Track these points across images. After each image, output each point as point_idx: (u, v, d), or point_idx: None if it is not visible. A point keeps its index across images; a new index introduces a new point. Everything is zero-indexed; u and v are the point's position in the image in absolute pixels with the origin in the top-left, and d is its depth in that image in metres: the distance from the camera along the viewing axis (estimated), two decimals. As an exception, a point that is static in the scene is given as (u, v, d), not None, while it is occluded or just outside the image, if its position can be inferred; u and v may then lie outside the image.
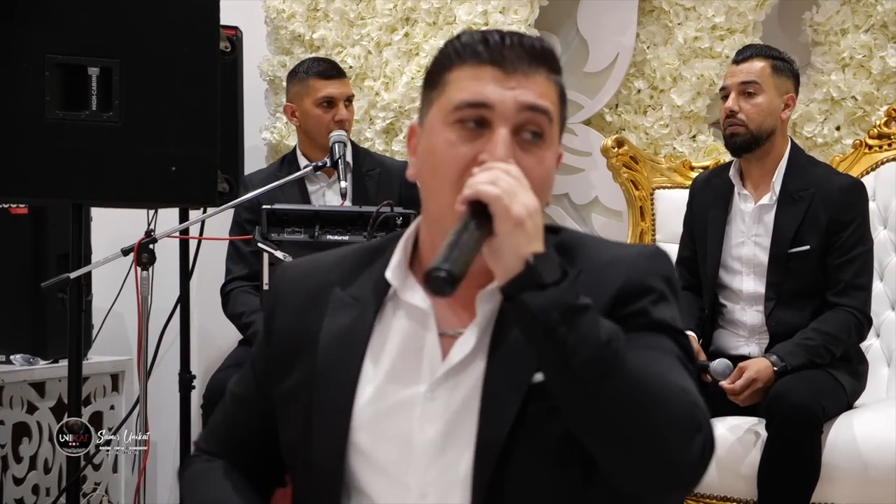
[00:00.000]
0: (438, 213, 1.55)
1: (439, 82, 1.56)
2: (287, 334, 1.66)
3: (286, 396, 1.65)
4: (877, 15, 4.44)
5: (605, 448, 1.45)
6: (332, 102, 4.18)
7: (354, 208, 3.56)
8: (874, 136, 4.30)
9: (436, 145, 1.55)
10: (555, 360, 1.42)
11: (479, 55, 1.53)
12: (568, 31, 4.92)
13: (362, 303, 1.62)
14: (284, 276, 1.73)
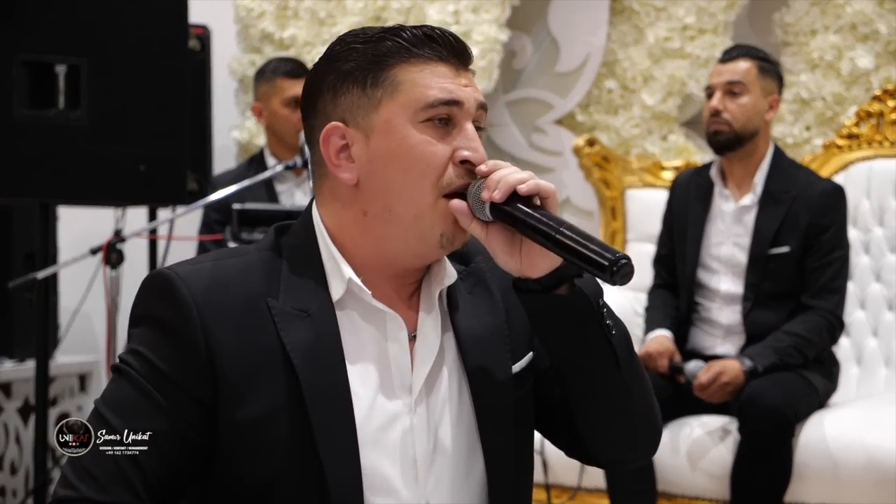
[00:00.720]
0: (416, 212, 1.53)
1: (384, 79, 1.53)
2: (237, 353, 1.51)
3: (252, 424, 1.50)
4: (846, 16, 4.45)
5: (616, 418, 1.61)
6: (300, 102, 4.15)
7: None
8: (844, 137, 4.32)
9: (409, 145, 1.53)
10: (600, 338, 1.54)
11: (428, 52, 1.54)
12: (539, 31, 4.92)
13: (316, 315, 1.54)
14: (190, 287, 1.52)
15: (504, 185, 1.49)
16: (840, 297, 3.68)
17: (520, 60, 4.95)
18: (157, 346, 1.52)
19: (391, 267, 1.59)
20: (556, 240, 1.47)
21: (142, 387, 1.51)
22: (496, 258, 1.55)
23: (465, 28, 4.64)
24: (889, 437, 3.35)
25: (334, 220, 1.58)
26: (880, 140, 4.26)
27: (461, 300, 1.63)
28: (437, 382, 1.59)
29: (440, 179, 1.53)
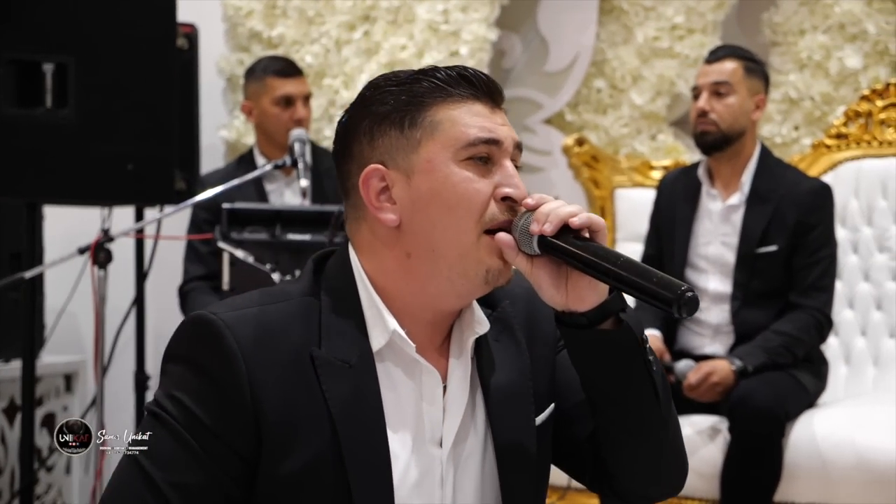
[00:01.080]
0: (460, 250, 1.53)
1: (422, 119, 1.54)
2: (281, 407, 1.48)
3: (292, 479, 1.48)
4: (834, 16, 4.46)
5: (651, 453, 1.61)
6: (290, 101, 4.15)
7: (316, 207, 3.53)
8: (833, 137, 4.33)
9: (452, 183, 1.52)
10: (642, 373, 1.54)
11: (463, 91, 1.55)
12: (528, 30, 4.92)
13: (356, 368, 1.52)
14: (237, 336, 1.49)
15: (555, 218, 1.49)
16: (828, 295, 3.69)
17: (509, 60, 4.95)
18: (199, 395, 1.49)
19: (430, 311, 1.58)
20: (616, 274, 1.47)
21: (181, 437, 1.48)
22: (541, 292, 1.54)
23: (454, 27, 4.63)
24: (879, 437, 3.35)
25: (375, 265, 1.57)
26: (868, 140, 4.27)
27: (488, 349, 1.62)
28: (465, 435, 1.60)
29: (483, 216, 1.53)
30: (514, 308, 1.67)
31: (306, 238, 3.39)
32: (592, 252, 1.48)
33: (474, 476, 1.60)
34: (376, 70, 4.67)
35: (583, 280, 1.51)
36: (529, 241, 1.52)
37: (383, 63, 4.69)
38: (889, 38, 4.39)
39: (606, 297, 1.52)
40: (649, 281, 1.45)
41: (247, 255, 3.35)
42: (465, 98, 1.55)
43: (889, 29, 4.39)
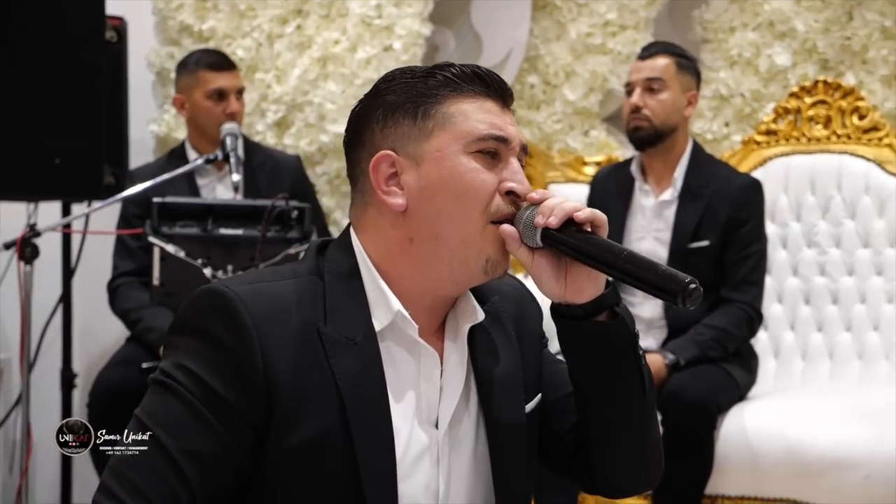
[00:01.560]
0: (463, 237, 1.58)
1: (435, 111, 1.59)
2: (292, 379, 1.52)
3: (300, 450, 1.52)
4: (764, 14, 4.50)
5: (635, 446, 1.67)
6: (223, 95, 4.11)
7: (248, 202, 3.50)
8: (762, 133, 4.37)
9: (460, 172, 1.58)
10: (634, 364, 1.61)
11: (477, 88, 1.61)
12: (461, 26, 4.91)
13: (361, 345, 1.56)
14: (250, 310, 1.53)
15: (560, 212, 1.55)
16: (759, 289, 3.73)
17: (442, 55, 4.93)
18: (213, 366, 1.52)
19: (429, 296, 1.62)
20: (621, 266, 1.51)
21: (194, 407, 1.51)
22: (540, 283, 1.60)
23: (387, 22, 4.61)
24: (808, 429, 3.39)
25: (378, 249, 1.62)
26: (798, 136, 4.32)
27: (480, 338, 1.68)
28: (460, 418, 1.65)
29: (488, 206, 1.58)
30: (504, 304, 1.73)
31: (239, 233, 3.36)
32: (597, 245, 1.54)
33: (467, 459, 1.64)
34: (309, 65, 4.65)
35: (582, 273, 1.57)
36: (533, 233, 1.57)
37: (316, 58, 4.65)
38: (817, 36, 4.44)
39: (603, 291, 1.59)
40: (654, 273, 1.50)
41: (178, 249, 3.31)
42: (478, 95, 1.61)
43: (817, 27, 4.43)
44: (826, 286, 4.10)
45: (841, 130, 4.26)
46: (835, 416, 3.44)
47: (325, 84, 4.64)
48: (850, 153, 4.21)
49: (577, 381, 1.65)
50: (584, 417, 1.67)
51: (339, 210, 4.69)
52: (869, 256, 4.07)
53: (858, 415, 3.45)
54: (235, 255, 3.39)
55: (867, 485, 3.28)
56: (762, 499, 3.47)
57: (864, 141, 4.22)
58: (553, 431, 1.73)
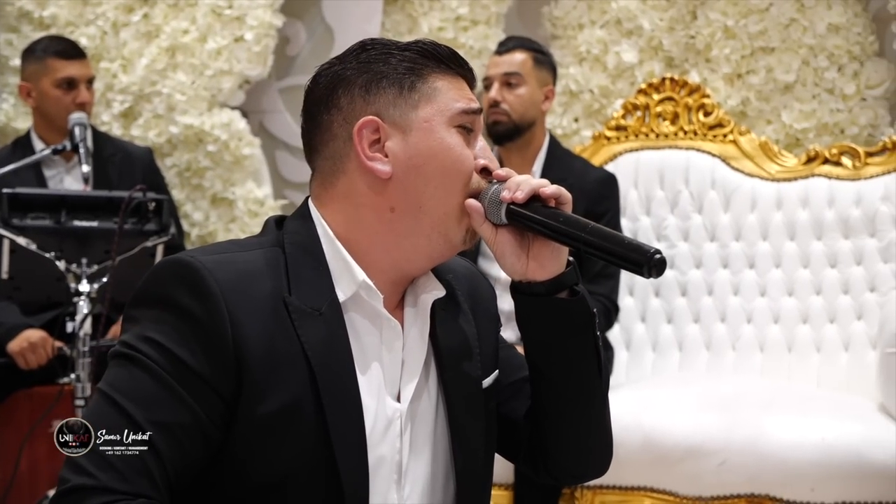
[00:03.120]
0: (446, 210, 1.59)
1: (423, 84, 1.60)
2: (261, 348, 1.50)
3: (271, 420, 1.49)
4: (611, 11, 4.59)
5: (590, 429, 1.68)
6: (72, 84, 3.98)
7: (104, 193, 3.40)
8: (612, 129, 4.44)
9: (448, 146, 1.59)
10: (589, 343, 1.62)
11: (456, 67, 1.64)
12: (313, 18, 4.87)
13: (326, 315, 1.54)
14: (217, 279, 1.50)
15: (526, 187, 1.57)
16: (615, 282, 3.79)
17: (293, 47, 4.88)
18: (180, 336, 1.49)
19: (396, 270, 1.61)
20: (586, 239, 1.52)
21: (162, 378, 1.47)
22: (502, 260, 1.61)
23: (238, 12, 4.54)
24: (664, 418, 3.46)
25: (346, 219, 1.60)
26: (646, 132, 4.41)
27: (439, 313, 1.67)
28: (420, 392, 1.63)
29: (470, 182, 1.60)
30: (458, 282, 1.73)
31: (94, 225, 3.27)
32: (564, 219, 1.55)
33: (427, 434, 1.64)
34: (157, 54, 4.54)
35: (545, 249, 1.59)
36: (498, 209, 1.58)
37: (164, 47, 4.55)
38: (663, 34, 4.55)
39: (564, 269, 1.60)
40: (620, 245, 1.51)
41: (29, 242, 3.20)
42: (457, 74, 1.64)
43: (663, 25, 4.54)
44: (675, 279, 4.20)
45: (688, 127, 4.37)
46: (689, 406, 3.52)
47: (174, 74, 4.54)
48: (697, 149, 4.31)
49: (534, 360, 1.65)
50: (540, 397, 1.67)
51: (190, 203, 4.60)
52: (716, 250, 4.19)
53: (711, 403, 3.54)
54: (90, 248, 3.29)
55: (722, 471, 3.37)
56: (620, 488, 3.53)
57: (709, 137, 4.33)
58: (507, 416, 1.73)
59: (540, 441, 1.70)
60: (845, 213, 4.05)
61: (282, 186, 4.88)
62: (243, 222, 4.54)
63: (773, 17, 4.41)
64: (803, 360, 3.99)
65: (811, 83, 4.41)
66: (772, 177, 4.20)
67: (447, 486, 1.65)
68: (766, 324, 4.07)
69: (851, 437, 3.30)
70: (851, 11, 4.36)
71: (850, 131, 4.35)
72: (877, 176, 4.06)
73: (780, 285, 4.09)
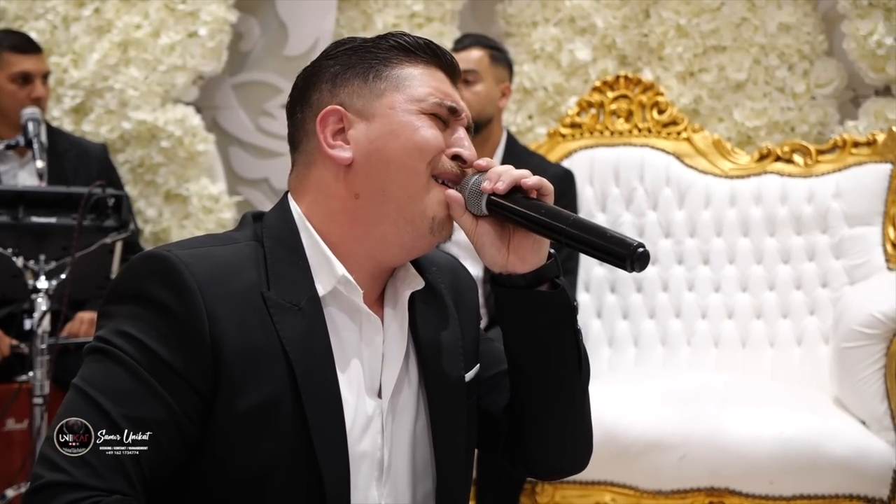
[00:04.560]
0: (410, 192, 1.56)
1: (388, 74, 1.59)
2: (239, 343, 1.47)
3: (249, 415, 1.47)
4: (565, 9, 4.62)
5: (569, 423, 1.66)
6: (27, 78, 3.93)
7: (62, 189, 3.34)
8: (567, 126, 4.46)
9: (412, 126, 1.56)
10: (572, 337, 1.60)
11: (428, 56, 1.62)
12: (267, 14, 4.84)
13: (305, 310, 1.52)
14: (194, 273, 1.47)
15: (508, 178, 1.54)
16: (573, 277, 3.82)
17: (247, 43, 4.85)
18: (156, 331, 1.46)
19: (372, 261, 1.59)
20: (568, 232, 1.49)
21: (138, 374, 1.45)
22: (482, 251, 1.59)
23: (192, 7, 4.50)
24: (624, 413, 3.48)
25: (320, 211, 1.58)
26: (601, 129, 4.43)
27: (419, 307, 1.65)
28: (401, 387, 1.62)
29: (434, 161, 1.56)
30: (441, 275, 1.71)
31: (52, 221, 3.21)
32: (546, 211, 1.52)
33: (408, 427, 1.62)
34: (108, 49, 4.48)
35: (526, 241, 1.57)
36: (478, 200, 1.56)
37: (116, 42, 4.50)
38: (616, 32, 4.58)
39: (545, 262, 1.57)
40: (602, 238, 1.48)
41: (-15, 239, 3.15)
42: (429, 63, 1.62)
43: (616, 24, 4.57)
44: (631, 276, 4.23)
45: (642, 124, 4.40)
46: (648, 400, 3.55)
47: (127, 70, 4.49)
48: (651, 146, 4.34)
49: (513, 353, 1.63)
50: (519, 391, 1.65)
51: (143, 199, 4.56)
52: (671, 246, 4.22)
53: (670, 398, 3.57)
54: (48, 244, 3.24)
55: (682, 465, 3.40)
56: (581, 482, 3.55)
57: (663, 135, 4.36)
58: (486, 409, 1.71)
59: (518, 435, 1.69)
60: (797, 210, 4.10)
61: (236, 183, 4.85)
62: (198, 219, 4.50)
63: (724, 17, 4.46)
64: (757, 355, 4.04)
65: (762, 82, 4.46)
66: (725, 174, 4.24)
67: (427, 480, 1.64)
68: (721, 319, 4.11)
69: (809, 430, 3.35)
70: (801, 11, 4.42)
71: (800, 129, 4.42)
72: (828, 173, 4.11)
73: (734, 281, 4.13)
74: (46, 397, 3.20)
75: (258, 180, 4.85)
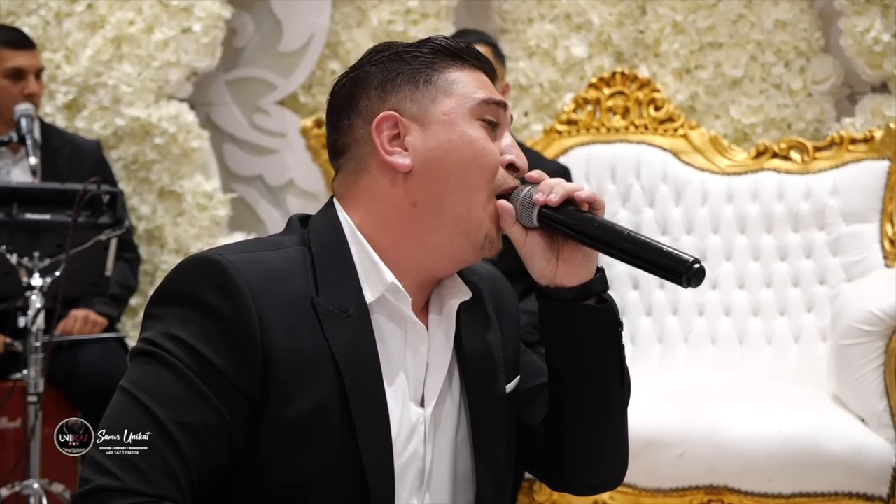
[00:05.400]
0: (468, 206, 1.55)
1: (438, 78, 1.57)
2: (289, 349, 1.45)
3: (298, 423, 1.45)
4: (561, 6, 4.60)
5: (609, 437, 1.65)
6: (21, 74, 3.90)
7: (56, 186, 3.33)
8: (563, 123, 4.45)
9: (470, 138, 1.55)
10: (614, 352, 1.59)
11: (472, 61, 1.61)
12: (261, 10, 4.81)
13: (354, 317, 1.51)
14: (245, 277, 1.46)
15: (561, 190, 1.53)
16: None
17: (241, 39, 4.83)
18: (207, 335, 1.44)
19: (421, 271, 1.58)
20: (623, 247, 1.49)
21: (188, 378, 1.43)
22: (531, 264, 1.57)
23: (186, 3, 4.47)
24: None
25: (372, 217, 1.57)
26: (597, 126, 4.41)
27: (464, 317, 1.63)
28: (444, 397, 1.60)
29: (495, 177, 1.56)
30: (482, 285, 1.69)
31: (46, 218, 3.20)
32: (599, 225, 1.51)
33: (449, 438, 1.61)
34: (101, 45, 4.46)
35: (576, 255, 1.55)
36: (530, 212, 1.54)
37: (109, 38, 4.47)
38: (612, 28, 4.56)
39: (593, 276, 1.57)
40: (658, 254, 1.47)
41: (-20, 235, 3.13)
42: (474, 67, 1.61)
43: (612, 20, 4.56)
44: (628, 272, 4.22)
45: (638, 121, 4.38)
46: (646, 398, 3.52)
47: (120, 66, 4.46)
48: (648, 143, 4.33)
49: (556, 367, 1.62)
50: (559, 406, 1.63)
51: (137, 196, 4.53)
52: (667, 243, 4.20)
53: (668, 396, 3.56)
54: (42, 241, 3.23)
55: (680, 462, 3.39)
56: (579, 480, 3.53)
57: (660, 131, 4.35)
58: (524, 422, 1.70)
59: (555, 449, 1.67)
60: (795, 207, 4.09)
61: (230, 180, 4.83)
62: (192, 216, 4.48)
63: (721, 13, 4.45)
64: (754, 353, 4.03)
65: (759, 78, 4.45)
66: (722, 171, 4.23)
67: (467, 491, 1.63)
68: (718, 317, 4.10)
69: (808, 428, 3.34)
70: (798, 8, 4.41)
71: (796, 126, 4.40)
72: (825, 170, 4.10)
73: (731, 278, 4.12)
74: (40, 395, 3.18)
75: (252, 177, 4.83)
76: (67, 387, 3.62)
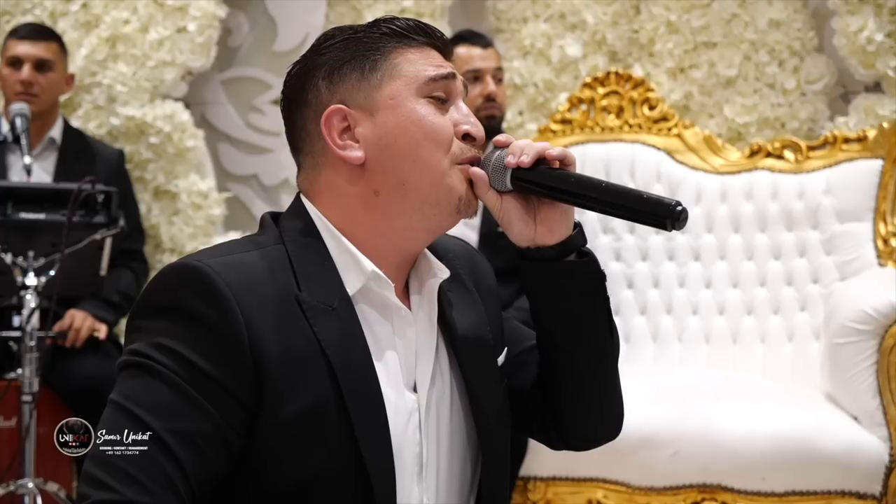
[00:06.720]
0: (431, 179, 1.54)
1: (383, 62, 1.56)
2: (279, 349, 1.45)
3: (294, 422, 1.45)
4: (555, 5, 4.60)
5: (604, 391, 1.66)
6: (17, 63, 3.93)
7: (51, 185, 3.33)
8: (558, 122, 4.46)
9: (418, 117, 1.54)
10: (602, 304, 1.60)
11: (421, 38, 1.59)
12: (256, 9, 4.82)
13: (339, 310, 1.50)
14: (228, 281, 1.44)
15: (531, 151, 1.53)
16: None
17: (236, 38, 4.83)
18: (195, 343, 1.43)
19: (397, 252, 1.58)
20: (603, 198, 1.48)
21: (179, 387, 1.42)
22: (509, 227, 1.57)
23: (181, 2, 4.47)
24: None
25: (338, 210, 1.56)
26: (592, 126, 4.42)
27: (445, 296, 1.63)
28: (434, 379, 1.59)
29: (450, 151, 1.55)
30: (458, 261, 1.69)
31: (41, 217, 3.20)
32: (576, 180, 1.51)
33: (445, 421, 1.60)
34: (97, 44, 4.46)
35: (553, 212, 1.55)
36: (502, 175, 1.54)
37: (104, 37, 4.47)
38: (606, 28, 4.57)
39: (573, 230, 1.57)
40: (638, 201, 1.47)
41: (-26, 234, 3.13)
42: (422, 45, 1.59)
43: (606, 20, 4.56)
44: (622, 271, 4.23)
45: (633, 120, 4.39)
46: (640, 396, 3.53)
47: (115, 65, 4.47)
48: (642, 142, 4.34)
49: (545, 327, 1.61)
50: (553, 365, 1.64)
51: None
52: (661, 242, 4.22)
53: (662, 394, 3.57)
54: (36, 241, 3.23)
55: (674, 461, 3.40)
56: (573, 479, 3.55)
57: (654, 131, 4.36)
58: (516, 388, 1.70)
59: (553, 409, 1.67)
60: (788, 206, 4.10)
61: (225, 179, 4.83)
62: (187, 215, 4.48)
63: (715, 13, 4.46)
64: (748, 351, 4.04)
65: (752, 78, 4.46)
66: (716, 170, 4.24)
67: (464, 471, 1.62)
68: (712, 315, 4.11)
69: (801, 426, 3.35)
70: (791, 7, 4.41)
71: (790, 125, 4.41)
72: (819, 169, 4.11)
73: (724, 277, 4.14)
74: (35, 395, 3.19)
75: (247, 176, 4.83)
76: (61, 388, 3.61)
